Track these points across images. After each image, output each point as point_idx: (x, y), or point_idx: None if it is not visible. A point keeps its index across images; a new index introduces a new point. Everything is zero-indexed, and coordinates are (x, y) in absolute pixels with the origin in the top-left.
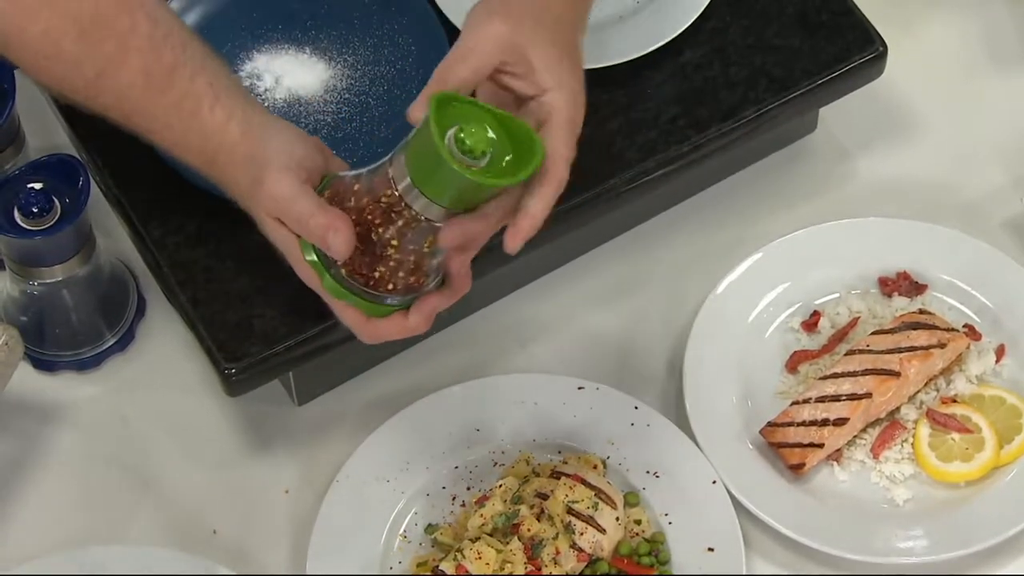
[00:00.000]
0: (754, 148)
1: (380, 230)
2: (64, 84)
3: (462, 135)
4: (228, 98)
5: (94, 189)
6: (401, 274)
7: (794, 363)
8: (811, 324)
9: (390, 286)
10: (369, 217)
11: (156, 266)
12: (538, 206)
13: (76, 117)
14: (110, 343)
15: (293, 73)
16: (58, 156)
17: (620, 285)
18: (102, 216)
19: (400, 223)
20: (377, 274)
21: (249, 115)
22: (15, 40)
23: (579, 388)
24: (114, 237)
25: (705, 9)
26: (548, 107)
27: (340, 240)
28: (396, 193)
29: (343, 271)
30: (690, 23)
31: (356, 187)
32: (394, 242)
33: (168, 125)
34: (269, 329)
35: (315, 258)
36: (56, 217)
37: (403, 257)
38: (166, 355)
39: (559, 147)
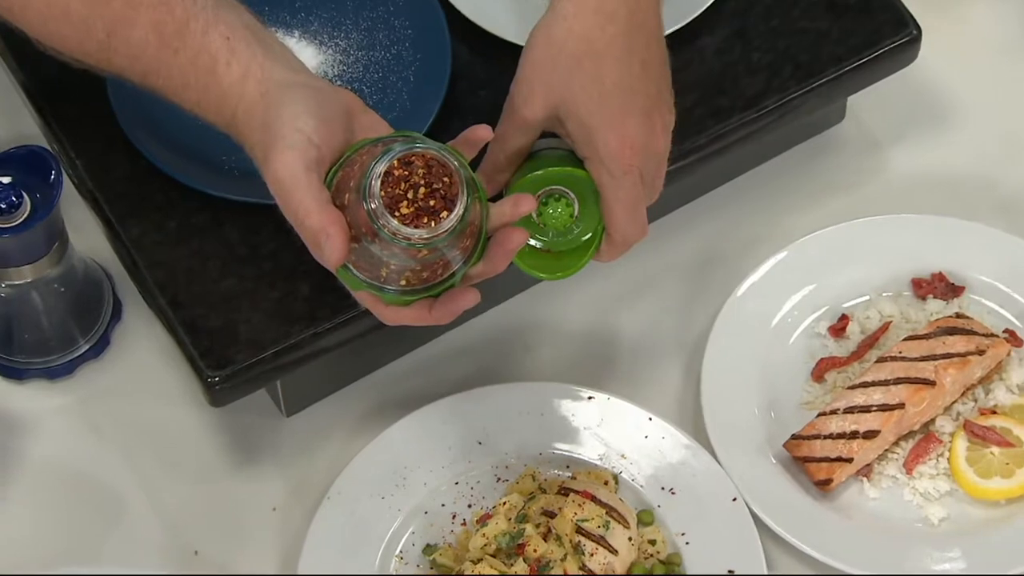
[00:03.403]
0: (778, 139)
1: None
2: (75, 47)
3: (547, 209)
4: (246, 52)
5: (66, 183)
6: (408, 274)
7: (821, 371)
8: (839, 329)
9: (402, 282)
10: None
11: (133, 266)
12: (604, 257)
13: (47, 104)
14: (83, 349)
15: None
16: (27, 147)
17: (633, 287)
18: (75, 212)
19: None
20: (383, 274)
21: (268, 72)
22: (21, 4)
23: (589, 397)
24: (88, 235)
25: None
26: (593, 177)
27: (331, 247)
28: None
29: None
30: (708, 4)
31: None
32: (386, 252)
33: (185, 84)
34: (255, 334)
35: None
36: (25, 214)
37: (401, 266)
38: (144, 362)
39: (612, 215)
